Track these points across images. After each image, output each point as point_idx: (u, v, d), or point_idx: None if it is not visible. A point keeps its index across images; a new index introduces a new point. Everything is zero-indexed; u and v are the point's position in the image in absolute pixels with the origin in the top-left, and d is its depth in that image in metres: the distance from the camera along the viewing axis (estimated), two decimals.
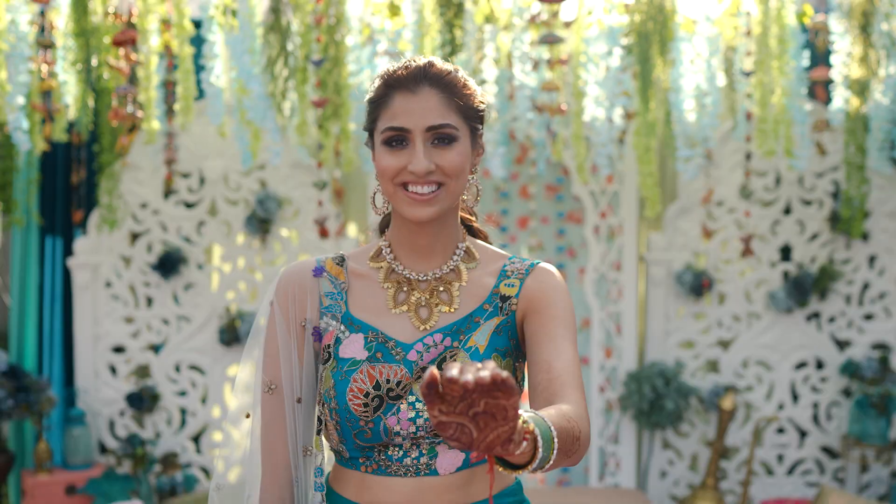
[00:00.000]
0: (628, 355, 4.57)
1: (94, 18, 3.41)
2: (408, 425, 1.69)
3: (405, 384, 1.69)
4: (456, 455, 1.72)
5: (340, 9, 3.57)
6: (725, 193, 4.49)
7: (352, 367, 1.71)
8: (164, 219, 4.51)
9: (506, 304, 1.75)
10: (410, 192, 1.68)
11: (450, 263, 1.79)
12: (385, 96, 1.70)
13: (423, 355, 1.71)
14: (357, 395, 1.68)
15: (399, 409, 1.70)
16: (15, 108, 3.39)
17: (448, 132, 1.68)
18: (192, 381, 4.57)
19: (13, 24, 3.39)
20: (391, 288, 1.78)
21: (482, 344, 1.73)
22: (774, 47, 3.43)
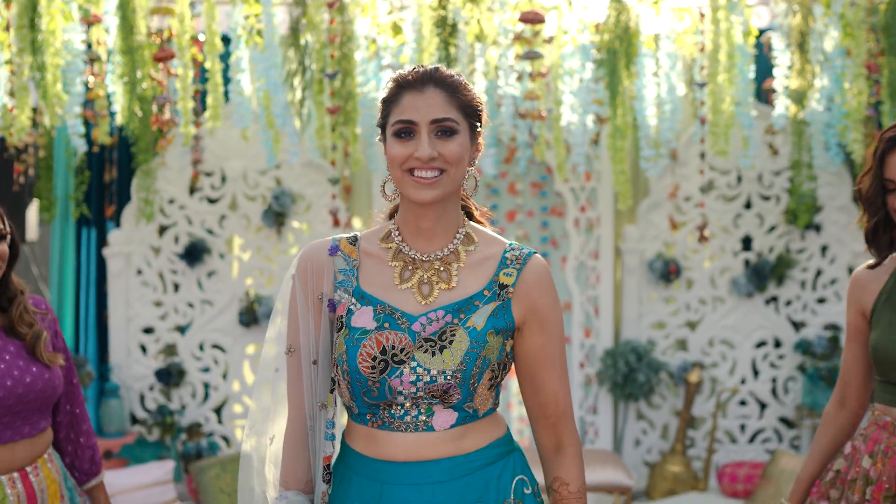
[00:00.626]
0: (605, 335, 5.13)
1: (138, 38, 3.99)
2: (409, 386, 1.85)
3: (408, 350, 1.85)
4: (450, 414, 1.89)
5: (350, 28, 4.13)
6: (691, 190, 5.07)
7: (362, 335, 1.88)
8: (190, 213, 5.07)
9: (503, 292, 1.91)
10: (416, 177, 1.86)
11: (450, 246, 1.95)
12: (396, 95, 1.90)
13: (425, 327, 1.87)
14: (366, 359, 1.85)
15: (402, 371, 1.85)
16: (72, 115, 3.98)
17: (449, 125, 1.87)
18: (214, 359, 5.12)
19: (69, 43, 3.98)
20: (398, 266, 1.94)
21: (480, 324, 1.89)
22: (724, 61, 4.01)
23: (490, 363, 1.87)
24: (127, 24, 3.95)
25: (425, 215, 1.91)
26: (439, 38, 4.07)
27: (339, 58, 4.06)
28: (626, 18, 4.06)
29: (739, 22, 4.05)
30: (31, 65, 3.90)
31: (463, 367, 1.84)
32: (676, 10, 4.19)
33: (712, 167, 5.05)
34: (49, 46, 3.90)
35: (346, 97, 4.11)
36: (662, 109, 4.18)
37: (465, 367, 1.84)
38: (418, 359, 1.85)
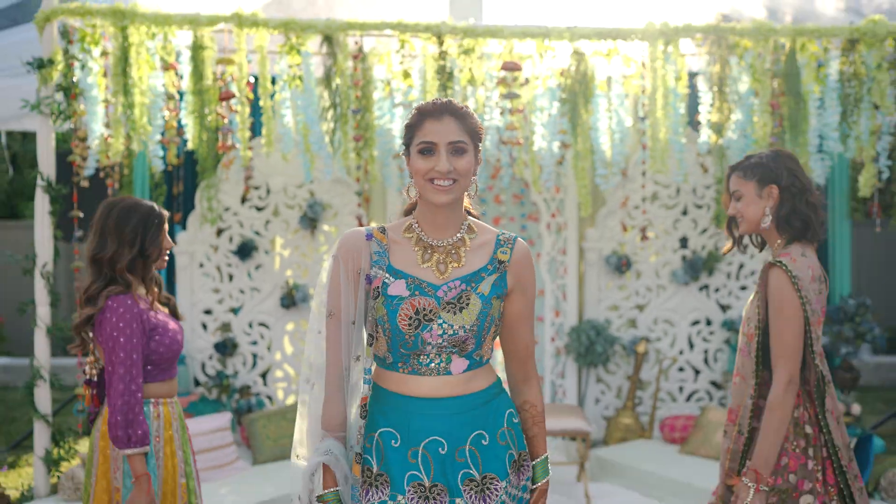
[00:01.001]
0: (571, 315, 5.56)
1: (206, 82, 4.44)
2: (437, 338, 2.05)
3: (435, 311, 2.05)
4: (463, 361, 2.09)
5: (369, 74, 4.57)
6: (638, 200, 5.52)
7: (399, 301, 2.05)
8: (241, 218, 5.50)
9: (501, 266, 2.12)
10: (436, 185, 2.03)
11: (457, 235, 2.13)
12: (420, 121, 2.06)
13: (447, 293, 2.07)
14: (404, 318, 2.04)
15: (431, 327, 2.04)
16: (153, 142, 4.44)
17: (461, 146, 2.04)
18: (260, 334, 5.55)
19: (152, 86, 4.43)
20: (419, 251, 2.12)
21: (486, 291, 2.08)
22: (660, 100, 4.46)
23: (494, 320, 2.10)
24: (197, 71, 4.41)
25: (440, 213, 2.09)
26: (439, 82, 4.49)
27: (361, 97, 4.50)
28: (584, 67, 4.50)
29: (672, 70, 4.50)
30: (123, 103, 4.35)
31: (477, 323, 2.06)
32: (625, 59, 4.63)
33: (656, 182, 5.50)
34: (136, 88, 4.36)
35: (366, 128, 4.55)
36: (613, 137, 4.60)
37: (479, 323, 2.06)
38: (444, 317, 2.05)
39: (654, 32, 4.43)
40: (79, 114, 4.39)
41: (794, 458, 2.56)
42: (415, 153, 2.05)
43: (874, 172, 4.53)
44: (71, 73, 4.36)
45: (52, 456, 4.42)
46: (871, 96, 4.44)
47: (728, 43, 4.47)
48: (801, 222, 2.64)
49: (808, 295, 2.56)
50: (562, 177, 5.40)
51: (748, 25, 4.44)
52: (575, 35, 4.43)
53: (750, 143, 4.47)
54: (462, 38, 4.44)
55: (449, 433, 2.07)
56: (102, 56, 4.41)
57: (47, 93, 4.36)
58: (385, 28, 4.43)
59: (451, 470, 2.06)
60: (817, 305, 2.62)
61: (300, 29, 4.39)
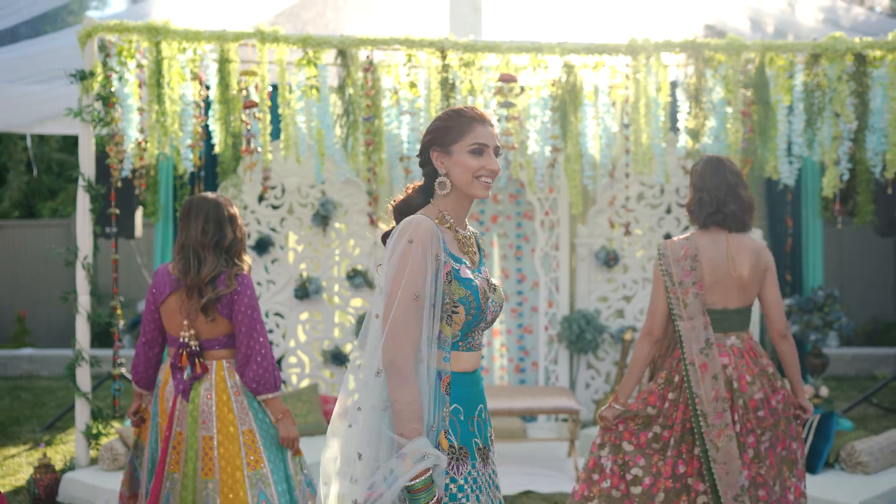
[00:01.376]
0: (563, 306, 6.04)
1: (231, 92, 4.92)
2: (491, 314, 2.24)
3: (487, 292, 2.21)
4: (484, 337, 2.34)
5: (378, 84, 5.04)
6: (626, 200, 6.01)
7: (474, 282, 2.17)
8: (259, 216, 5.98)
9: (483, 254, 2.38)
10: (483, 181, 2.20)
11: (469, 229, 2.33)
12: (470, 124, 2.20)
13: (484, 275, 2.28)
14: (482, 296, 2.19)
15: (489, 304, 2.21)
16: (184, 146, 4.92)
17: (498, 150, 2.26)
18: (276, 324, 6.03)
19: (183, 96, 4.92)
20: (456, 240, 2.25)
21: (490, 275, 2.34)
22: (642, 109, 4.95)
23: None
24: (224, 82, 4.89)
25: (469, 207, 2.27)
26: (442, 92, 4.97)
27: (371, 105, 4.98)
28: (574, 78, 4.99)
29: (653, 81, 4.99)
30: (157, 111, 4.84)
31: (506, 300, 2.56)
32: (611, 71, 5.11)
33: (642, 183, 5.99)
34: (168, 98, 4.85)
35: (376, 133, 5.03)
36: (600, 142, 5.09)
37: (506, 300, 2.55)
38: (491, 296, 2.23)
39: (636, 47, 4.92)
40: (116, 120, 4.87)
41: (656, 396, 3.25)
42: (465, 152, 2.17)
43: (836, 175, 5.01)
44: (109, 84, 4.84)
45: (91, 430, 4.90)
46: (833, 105, 4.92)
47: (703, 57, 4.95)
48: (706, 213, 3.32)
49: (669, 269, 3.20)
50: (554, 178, 5.88)
51: (722, 41, 4.93)
52: (565, 50, 4.91)
53: (723, 148, 4.96)
54: (463, 53, 4.92)
55: (482, 399, 2.28)
56: (137, 68, 4.89)
57: (88, 101, 4.84)
58: (393, 43, 4.91)
59: (486, 431, 2.27)
60: (685, 278, 3.20)
61: (317, 44, 4.87)
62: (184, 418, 3.28)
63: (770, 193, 6.34)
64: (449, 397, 2.14)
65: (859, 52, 4.92)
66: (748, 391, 3.20)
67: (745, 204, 3.28)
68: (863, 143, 4.97)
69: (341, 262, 6.01)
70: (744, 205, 3.28)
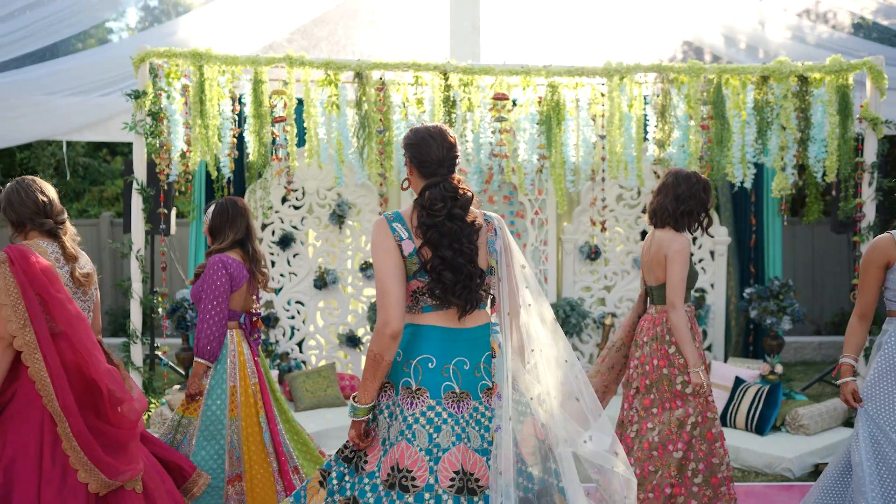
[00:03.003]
0: (551, 294, 6.98)
1: (264, 108, 5.84)
2: None
3: None
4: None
5: (389, 101, 5.96)
6: (607, 200, 6.94)
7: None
8: (282, 215, 6.92)
9: None
10: None
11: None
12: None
13: None
14: None
15: None
16: (223, 154, 5.84)
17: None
18: (297, 310, 6.96)
19: (221, 112, 5.84)
20: None
21: None
22: (616, 122, 5.87)
23: None
24: (257, 100, 5.81)
25: None
26: (445, 108, 5.89)
27: (383, 119, 5.91)
28: (557, 96, 5.91)
29: (625, 98, 5.91)
30: (200, 125, 5.76)
31: None
32: (591, 89, 6.02)
33: (621, 186, 6.92)
34: (210, 113, 5.76)
35: (387, 144, 5.95)
36: (580, 151, 6.02)
37: None
38: None
39: (611, 70, 5.85)
40: (164, 133, 5.78)
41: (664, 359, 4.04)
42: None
43: (783, 178, 5.94)
44: (158, 102, 5.76)
45: None
46: (780, 119, 5.85)
47: (669, 78, 5.88)
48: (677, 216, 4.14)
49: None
50: (542, 182, 6.81)
51: (684, 65, 5.85)
52: (550, 73, 5.84)
53: (686, 156, 5.89)
54: (462, 74, 5.84)
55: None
56: (183, 88, 5.81)
57: (141, 117, 5.76)
58: (403, 66, 5.83)
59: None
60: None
61: (337, 67, 5.80)
62: (259, 369, 4.18)
63: (735, 195, 7.27)
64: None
65: (802, 75, 5.85)
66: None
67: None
68: (806, 151, 5.89)
69: (355, 255, 6.93)
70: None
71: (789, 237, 9.27)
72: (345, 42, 8.64)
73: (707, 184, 4.18)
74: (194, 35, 7.98)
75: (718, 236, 6.97)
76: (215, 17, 7.93)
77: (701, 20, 8.43)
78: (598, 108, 5.98)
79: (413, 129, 2.92)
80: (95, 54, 8.63)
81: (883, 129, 5.82)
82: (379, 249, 2.77)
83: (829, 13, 9.19)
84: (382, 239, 2.78)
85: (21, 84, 7.91)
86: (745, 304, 6.83)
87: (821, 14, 9.16)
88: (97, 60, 8.24)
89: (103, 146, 12.65)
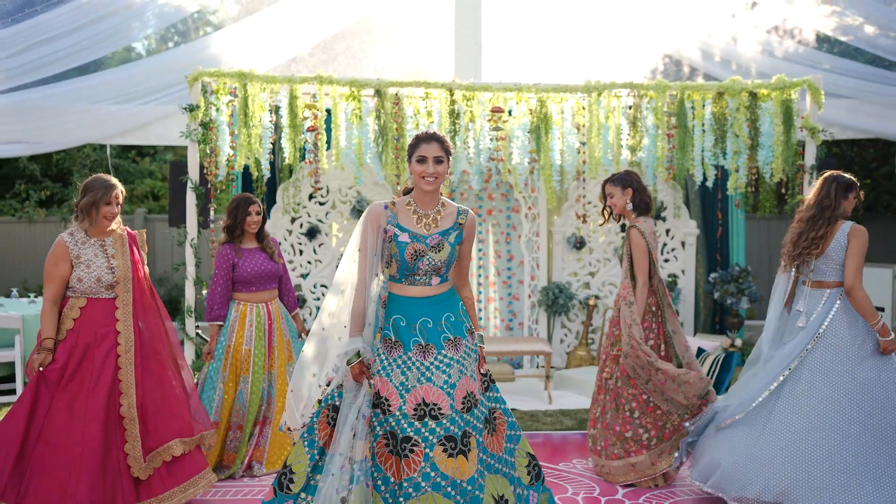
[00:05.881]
0: (542, 279, 8.26)
1: (298, 119, 7.12)
2: (425, 266, 3.43)
3: (424, 251, 3.42)
4: (437, 278, 3.48)
5: (403, 113, 7.23)
6: (590, 197, 8.20)
7: (405, 244, 3.41)
8: (309, 210, 8.19)
9: (460, 226, 3.51)
10: (426, 180, 3.40)
11: (436, 208, 3.51)
12: (417, 143, 3.43)
13: (432, 240, 3.43)
14: (409, 253, 3.41)
15: (423, 259, 3.43)
16: (264, 158, 7.12)
17: (440, 158, 3.41)
18: (322, 293, 8.23)
19: (260, 120, 7.12)
20: (415, 216, 3.47)
21: (452, 240, 3.47)
22: (594, 131, 7.14)
23: (455, 256, 3.56)
24: (293, 111, 7.10)
25: (427, 195, 3.51)
26: (450, 119, 7.17)
27: (398, 128, 7.19)
28: (545, 109, 7.19)
29: (602, 111, 7.18)
30: (244, 133, 7.04)
31: (447, 258, 3.50)
32: (576, 103, 7.29)
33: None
34: (252, 123, 7.05)
35: (401, 149, 7.23)
36: (565, 155, 7.30)
37: (448, 258, 3.50)
38: (430, 255, 3.45)
39: (591, 87, 7.13)
40: (213, 140, 7.07)
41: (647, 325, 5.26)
42: (414, 161, 3.46)
43: (737, 178, 7.22)
44: (208, 114, 7.05)
45: (195, 365, 7.11)
46: (733, 129, 7.12)
47: (639, 93, 7.16)
48: (644, 205, 5.35)
49: (648, 240, 5.26)
50: (535, 181, 8.08)
51: (652, 83, 7.13)
52: (539, 89, 7.12)
53: (654, 159, 7.16)
54: (465, 91, 7.13)
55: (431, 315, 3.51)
56: (229, 103, 7.09)
57: (194, 126, 7.05)
58: (415, 84, 7.12)
59: (435, 335, 3.50)
60: (654, 244, 5.31)
61: (360, 85, 7.08)
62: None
63: (703, 194, 8.54)
64: (384, 310, 3.47)
65: (752, 91, 7.12)
66: None
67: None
68: (756, 156, 7.16)
69: None
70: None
71: (752, 229, 10.50)
72: (361, 56, 9.91)
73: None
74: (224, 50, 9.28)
75: (688, 228, 8.23)
76: (243, 34, 9.23)
77: (680, 36, 9.68)
78: (580, 118, 7.25)
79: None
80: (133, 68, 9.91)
81: (820, 137, 7.10)
82: None
83: (796, 29, 10.46)
84: None
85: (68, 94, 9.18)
86: (710, 287, 8.10)
87: (788, 30, 10.42)
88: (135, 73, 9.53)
89: (132, 148, 13.95)
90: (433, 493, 3.28)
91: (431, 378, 3.41)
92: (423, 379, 3.41)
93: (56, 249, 4.45)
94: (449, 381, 3.41)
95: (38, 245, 11.86)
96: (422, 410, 3.37)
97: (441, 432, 3.34)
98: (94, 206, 4.49)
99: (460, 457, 3.34)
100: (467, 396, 3.45)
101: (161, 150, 14.42)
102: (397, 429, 3.37)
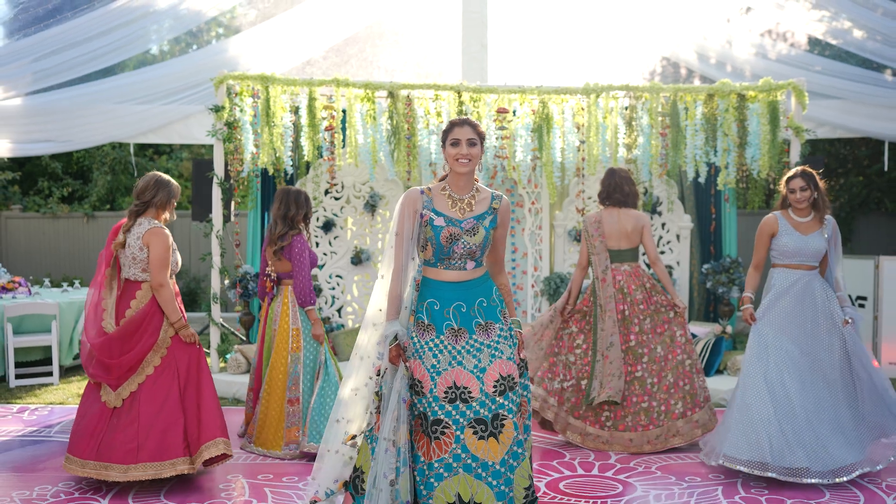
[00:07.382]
0: (545, 269, 8.84)
1: (316, 119, 7.71)
2: (462, 249, 3.48)
3: (459, 234, 3.47)
4: (472, 262, 3.53)
5: (414, 113, 7.83)
6: (590, 193, 8.79)
7: (440, 227, 3.47)
8: (325, 204, 8.78)
9: (494, 211, 3.57)
10: (459, 162, 3.47)
11: (470, 192, 3.58)
12: (451, 127, 3.53)
13: (466, 224, 3.48)
14: (444, 236, 3.45)
15: (458, 243, 3.47)
16: (285, 156, 7.72)
17: (473, 141, 3.48)
18: (337, 283, 8.82)
19: (281, 120, 7.72)
20: (450, 201, 3.55)
21: (486, 225, 3.52)
22: (593, 130, 7.73)
23: (489, 241, 3.61)
24: (312, 112, 7.70)
25: (461, 179, 3.58)
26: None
27: (409, 128, 7.78)
28: (547, 109, 7.78)
29: (600, 111, 7.77)
30: (267, 133, 7.65)
31: (482, 242, 3.55)
32: (576, 103, 7.88)
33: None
34: (274, 122, 7.65)
35: (413, 147, 7.83)
36: (565, 153, 7.89)
37: (483, 242, 3.56)
38: (464, 238, 3.50)
39: (589, 89, 7.72)
40: (237, 139, 7.67)
41: (587, 300, 5.88)
42: (448, 145, 3.52)
43: (726, 174, 7.80)
44: (233, 114, 7.65)
45: (220, 348, 7.71)
46: (723, 128, 7.71)
47: (635, 95, 7.74)
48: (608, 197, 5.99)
49: (589, 229, 5.90)
50: (537, 177, 8.67)
51: (647, 85, 7.72)
52: (541, 91, 7.71)
53: (648, 157, 7.74)
54: (473, 93, 7.72)
55: (465, 299, 3.57)
56: (252, 104, 7.69)
57: (220, 126, 7.65)
58: (425, 87, 7.72)
59: (468, 320, 3.56)
60: (594, 232, 5.96)
61: (374, 87, 7.68)
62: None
63: (697, 189, 9.12)
64: (417, 293, 3.53)
65: (740, 93, 7.70)
66: (633, 294, 5.97)
67: (625, 193, 6.02)
68: (744, 153, 7.74)
69: (384, 238, 8.82)
70: (624, 193, 6.02)
71: (745, 223, 11.07)
72: (372, 59, 10.52)
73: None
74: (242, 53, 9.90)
75: (683, 222, 8.81)
76: (261, 38, 9.84)
77: (677, 39, 10.26)
78: (580, 118, 7.85)
79: None
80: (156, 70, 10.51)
81: (804, 136, 7.68)
82: None
83: (788, 33, 11.03)
84: None
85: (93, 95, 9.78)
86: (704, 278, 8.69)
87: (781, 34, 11.00)
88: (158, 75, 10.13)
89: (149, 147, 14.58)
90: (465, 475, 3.41)
91: (462, 362, 3.49)
92: (455, 362, 3.49)
93: (167, 238, 5.02)
94: (479, 366, 3.49)
95: (60, 239, 12.50)
96: (452, 393, 3.46)
97: (471, 415, 3.44)
98: (172, 201, 5.14)
99: (491, 439, 3.44)
100: (500, 380, 3.50)
101: (177, 149, 15.04)
102: (428, 411, 3.48)
